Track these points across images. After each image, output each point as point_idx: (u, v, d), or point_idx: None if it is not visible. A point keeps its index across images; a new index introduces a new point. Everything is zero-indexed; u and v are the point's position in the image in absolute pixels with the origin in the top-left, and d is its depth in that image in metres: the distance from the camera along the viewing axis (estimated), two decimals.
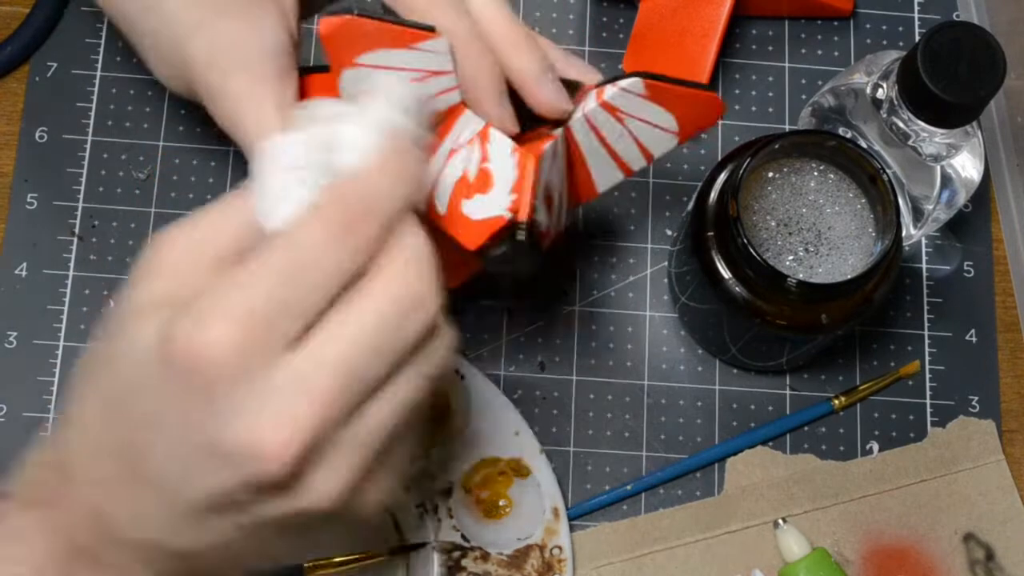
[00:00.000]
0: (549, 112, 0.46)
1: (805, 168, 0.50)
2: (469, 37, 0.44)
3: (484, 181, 0.44)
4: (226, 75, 0.44)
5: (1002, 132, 0.59)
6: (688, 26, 0.58)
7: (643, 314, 0.58)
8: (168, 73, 0.47)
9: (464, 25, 0.44)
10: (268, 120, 0.45)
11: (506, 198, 0.44)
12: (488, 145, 0.44)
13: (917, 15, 0.62)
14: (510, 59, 0.45)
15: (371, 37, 0.41)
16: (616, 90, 0.46)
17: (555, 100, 0.46)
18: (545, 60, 0.45)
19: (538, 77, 0.45)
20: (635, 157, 0.49)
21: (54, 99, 0.59)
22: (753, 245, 0.46)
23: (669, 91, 0.46)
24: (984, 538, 0.55)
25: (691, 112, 0.47)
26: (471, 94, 0.45)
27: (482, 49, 0.44)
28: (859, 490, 0.55)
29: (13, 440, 0.54)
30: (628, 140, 0.48)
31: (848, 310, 0.48)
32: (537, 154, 0.44)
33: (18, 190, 0.58)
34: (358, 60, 0.41)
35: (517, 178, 0.44)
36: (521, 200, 0.43)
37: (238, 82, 0.45)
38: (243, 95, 0.45)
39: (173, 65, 0.46)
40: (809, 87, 0.61)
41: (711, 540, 0.54)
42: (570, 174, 0.49)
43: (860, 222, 0.49)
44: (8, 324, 0.56)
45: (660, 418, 0.56)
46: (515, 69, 0.45)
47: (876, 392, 0.57)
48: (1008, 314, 0.59)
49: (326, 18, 0.40)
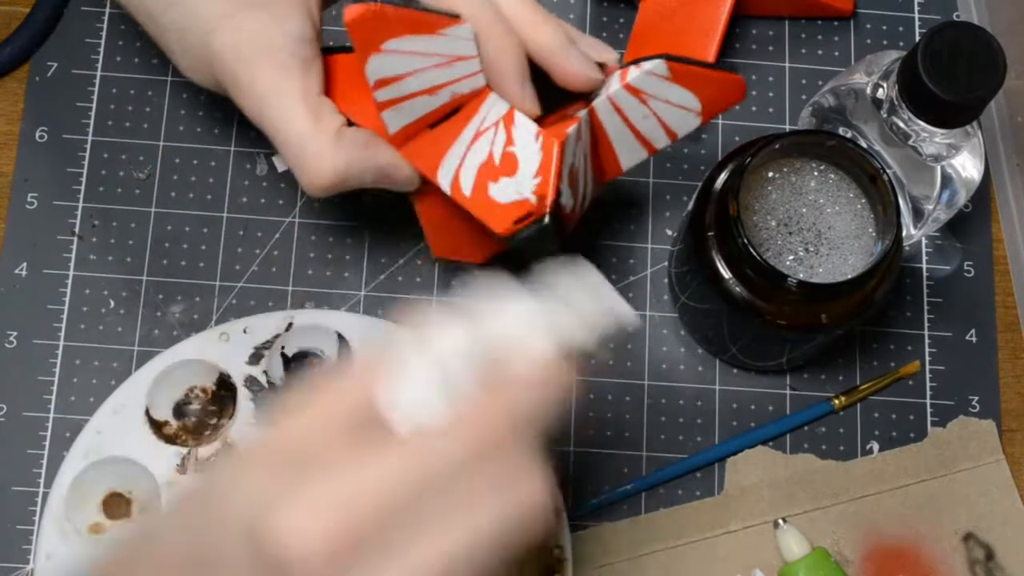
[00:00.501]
0: (577, 83, 0.46)
1: (805, 168, 0.50)
2: (492, 20, 0.44)
3: (510, 164, 0.45)
4: (251, 67, 0.44)
5: (1002, 132, 0.59)
6: (688, 26, 0.58)
7: (643, 314, 0.58)
8: (192, 66, 0.47)
9: (486, 8, 0.44)
10: (296, 110, 0.45)
11: (531, 182, 0.44)
12: (513, 129, 0.45)
13: (917, 15, 0.62)
14: (534, 34, 0.45)
15: (396, 24, 0.42)
16: (640, 72, 0.46)
17: (583, 69, 0.46)
18: (568, 34, 0.46)
19: (564, 47, 0.45)
20: (659, 136, 0.49)
21: (54, 99, 0.59)
22: (753, 245, 0.46)
23: (693, 73, 0.47)
24: (984, 538, 0.55)
25: (714, 93, 0.48)
26: (495, 76, 0.45)
27: (505, 31, 0.44)
28: (859, 490, 0.55)
29: (13, 440, 0.55)
30: (652, 120, 0.48)
31: (848, 310, 0.48)
32: (561, 138, 0.44)
33: (18, 190, 0.58)
34: (384, 46, 0.42)
35: (542, 162, 0.44)
36: (546, 183, 0.44)
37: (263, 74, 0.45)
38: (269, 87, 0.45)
39: (198, 58, 0.46)
40: (809, 87, 0.61)
41: (711, 540, 0.54)
42: (594, 153, 0.50)
43: (860, 222, 0.49)
44: (8, 324, 0.56)
45: (660, 418, 0.56)
46: (540, 43, 0.45)
47: (876, 392, 0.57)
48: (1008, 314, 0.59)
49: (351, 5, 0.41)
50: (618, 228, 0.59)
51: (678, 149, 0.59)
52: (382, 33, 0.42)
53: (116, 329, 0.56)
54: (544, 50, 0.45)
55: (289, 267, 0.57)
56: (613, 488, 0.55)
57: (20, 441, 0.55)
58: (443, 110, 0.45)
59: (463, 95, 0.45)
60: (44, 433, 0.55)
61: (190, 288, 0.57)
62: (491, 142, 0.45)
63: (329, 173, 0.45)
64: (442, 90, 0.44)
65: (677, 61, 0.46)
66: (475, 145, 0.45)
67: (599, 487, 0.55)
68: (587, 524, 0.55)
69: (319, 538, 0.29)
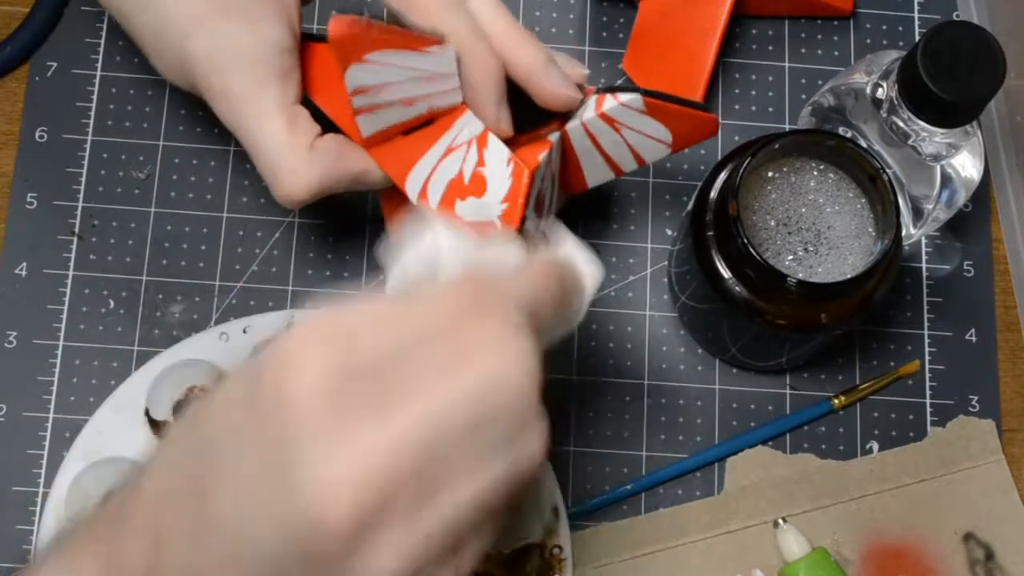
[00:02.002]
0: (557, 103, 0.46)
1: (805, 168, 0.50)
2: (475, 39, 0.44)
3: (478, 185, 0.45)
4: (226, 75, 0.44)
5: (1002, 132, 0.59)
6: (688, 26, 0.58)
7: (643, 314, 0.58)
8: (168, 69, 0.47)
9: (468, 27, 0.44)
10: (271, 121, 0.45)
11: (499, 206, 0.44)
12: (485, 151, 0.45)
13: (917, 15, 0.62)
14: (515, 52, 0.45)
15: (380, 40, 0.41)
16: (616, 104, 0.47)
17: (564, 89, 0.46)
18: (549, 53, 0.46)
19: (545, 65, 0.45)
20: (628, 161, 0.50)
21: (54, 99, 0.59)
22: (753, 245, 0.46)
23: (668, 109, 0.47)
24: (984, 538, 0.55)
25: (687, 128, 0.49)
26: (472, 95, 0.45)
27: (486, 51, 0.44)
28: (859, 490, 0.55)
29: (13, 440, 0.55)
30: (623, 147, 0.49)
31: (848, 310, 0.48)
32: (532, 166, 0.44)
33: (18, 190, 0.58)
34: (366, 58, 0.42)
35: (511, 188, 0.44)
36: (513, 212, 0.44)
37: (239, 83, 0.44)
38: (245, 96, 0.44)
39: (172, 62, 0.46)
40: (809, 87, 0.61)
41: (711, 540, 0.54)
42: (563, 168, 0.50)
43: (860, 222, 0.49)
44: (8, 324, 0.56)
45: (660, 418, 0.56)
46: (522, 62, 0.45)
47: (876, 392, 0.57)
48: (1008, 314, 0.59)
49: (337, 19, 0.40)
50: (618, 228, 0.59)
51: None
52: (365, 47, 0.42)
53: (116, 329, 0.56)
54: (526, 69, 0.45)
55: (289, 267, 0.57)
56: (613, 488, 0.55)
57: (20, 441, 0.55)
58: (418, 120, 0.45)
59: (439, 109, 0.45)
60: (44, 433, 0.55)
61: (190, 288, 0.57)
62: (462, 160, 0.45)
63: (303, 188, 0.45)
64: (419, 103, 0.44)
65: (654, 97, 0.47)
66: (446, 160, 0.45)
67: (599, 487, 0.55)
68: (587, 524, 0.55)
69: (313, 386, 0.30)
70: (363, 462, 0.29)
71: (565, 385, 0.56)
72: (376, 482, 0.29)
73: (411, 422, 0.30)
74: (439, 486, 0.31)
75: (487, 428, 0.31)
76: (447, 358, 0.31)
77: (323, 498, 0.29)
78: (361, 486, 0.29)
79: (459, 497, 0.31)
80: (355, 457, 0.29)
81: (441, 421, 0.30)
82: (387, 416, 0.30)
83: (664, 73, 0.59)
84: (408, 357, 0.31)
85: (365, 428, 0.30)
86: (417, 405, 0.30)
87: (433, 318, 0.32)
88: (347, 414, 0.30)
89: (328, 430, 0.30)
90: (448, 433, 0.30)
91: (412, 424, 0.30)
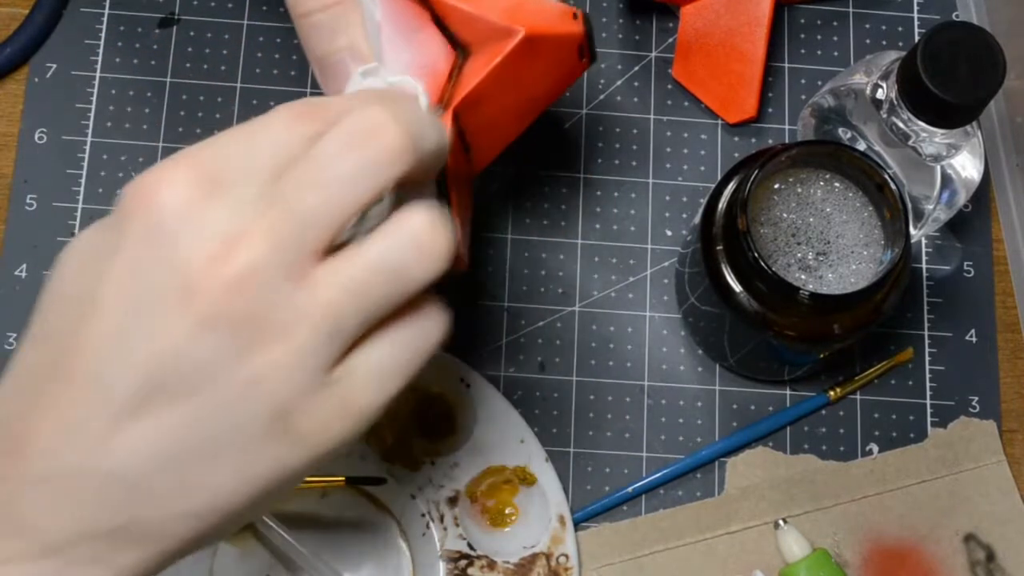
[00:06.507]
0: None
1: (811, 178, 0.49)
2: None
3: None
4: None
5: (1002, 132, 0.59)
6: (734, 26, 0.58)
7: (643, 314, 0.58)
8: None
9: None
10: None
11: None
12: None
13: (917, 15, 0.62)
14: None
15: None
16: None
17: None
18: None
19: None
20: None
21: (54, 100, 0.59)
22: (764, 259, 0.45)
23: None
24: (985, 539, 0.55)
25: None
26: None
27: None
28: (860, 491, 0.55)
29: None
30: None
31: (858, 320, 0.48)
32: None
33: (18, 191, 0.58)
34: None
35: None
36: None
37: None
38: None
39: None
40: (809, 87, 0.61)
41: (711, 541, 0.54)
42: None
43: (868, 231, 0.49)
44: (8, 325, 0.56)
45: (660, 419, 0.56)
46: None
47: (871, 381, 0.57)
48: (1008, 314, 0.59)
49: None
50: (618, 228, 0.59)
51: (678, 148, 0.59)
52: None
53: None
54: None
55: None
56: (613, 490, 0.55)
57: None
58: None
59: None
60: None
61: None
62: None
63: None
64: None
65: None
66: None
67: (599, 488, 0.55)
68: (587, 525, 0.55)
69: (177, 180, 0.32)
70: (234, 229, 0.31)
71: (565, 386, 0.56)
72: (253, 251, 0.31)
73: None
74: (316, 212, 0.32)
75: (360, 173, 0.32)
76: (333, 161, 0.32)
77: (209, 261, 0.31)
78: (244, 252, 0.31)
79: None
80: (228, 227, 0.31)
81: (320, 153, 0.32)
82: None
83: (717, 75, 0.59)
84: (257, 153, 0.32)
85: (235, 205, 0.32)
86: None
87: (271, 125, 0.33)
88: (213, 200, 0.31)
89: (200, 215, 0.31)
90: (324, 190, 0.32)
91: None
